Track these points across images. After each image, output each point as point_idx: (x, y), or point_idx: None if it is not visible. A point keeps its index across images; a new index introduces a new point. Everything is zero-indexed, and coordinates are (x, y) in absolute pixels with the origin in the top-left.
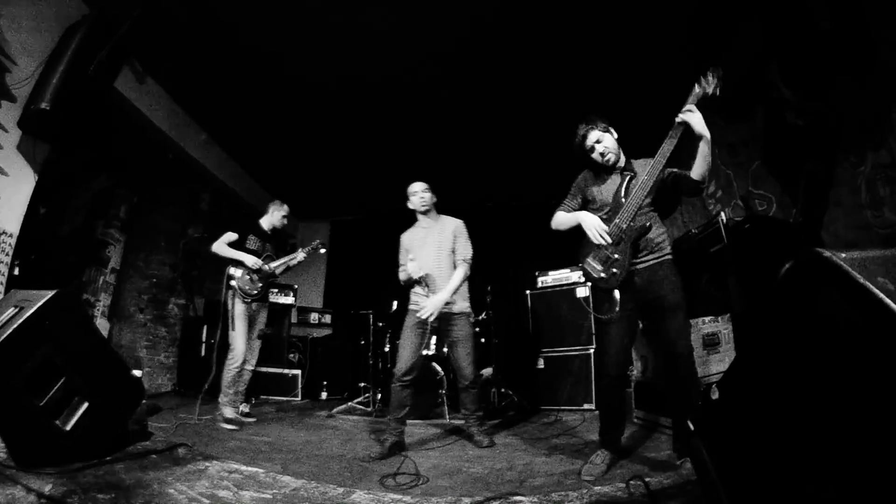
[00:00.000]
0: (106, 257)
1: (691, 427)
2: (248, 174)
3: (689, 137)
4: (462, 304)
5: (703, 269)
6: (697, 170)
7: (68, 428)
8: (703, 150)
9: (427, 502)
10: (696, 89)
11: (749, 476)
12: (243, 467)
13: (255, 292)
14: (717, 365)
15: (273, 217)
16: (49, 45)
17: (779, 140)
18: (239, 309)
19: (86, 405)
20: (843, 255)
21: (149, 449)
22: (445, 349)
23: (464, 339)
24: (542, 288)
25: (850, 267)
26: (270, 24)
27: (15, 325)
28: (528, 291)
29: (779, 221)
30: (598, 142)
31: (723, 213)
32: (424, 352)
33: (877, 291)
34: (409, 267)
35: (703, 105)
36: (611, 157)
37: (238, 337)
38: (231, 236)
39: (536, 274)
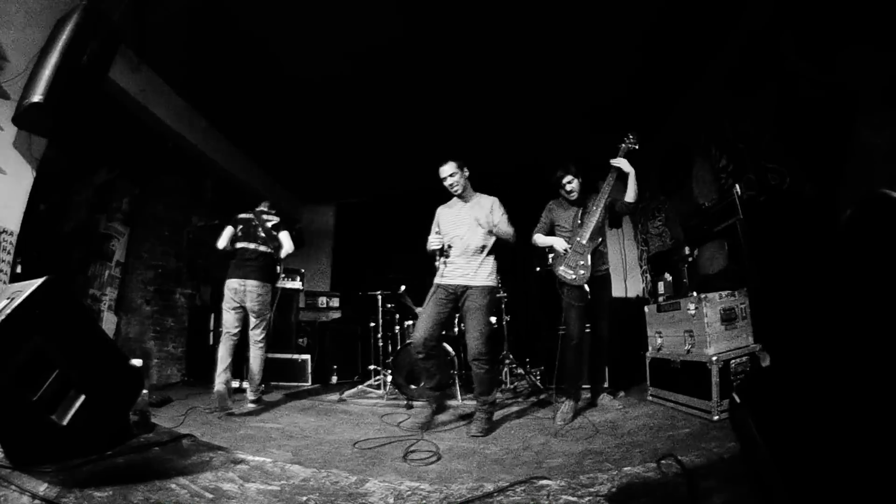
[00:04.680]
0: (110, 251)
1: (737, 399)
2: (251, 159)
3: (622, 176)
4: (481, 279)
5: (716, 243)
6: (630, 195)
7: (65, 423)
8: (632, 182)
9: (446, 489)
10: (623, 146)
11: (810, 450)
12: (250, 457)
13: None
14: (734, 340)
15: None
16: (41, 38)
17: (792, 113)
18: None
19: (82, 398)
20: None
21: (151, 441)
22: (456, 329)
23: (474, 311)
24: (551, 265)
25: None
26: (268, 7)
27: (2, 317)
28: (537, 269)
29: (794, 195)
30: (569, 182)
31: (737, 186)
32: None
33: None
34: (432, 239)
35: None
36: (574, 194)
37: None
38: None
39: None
